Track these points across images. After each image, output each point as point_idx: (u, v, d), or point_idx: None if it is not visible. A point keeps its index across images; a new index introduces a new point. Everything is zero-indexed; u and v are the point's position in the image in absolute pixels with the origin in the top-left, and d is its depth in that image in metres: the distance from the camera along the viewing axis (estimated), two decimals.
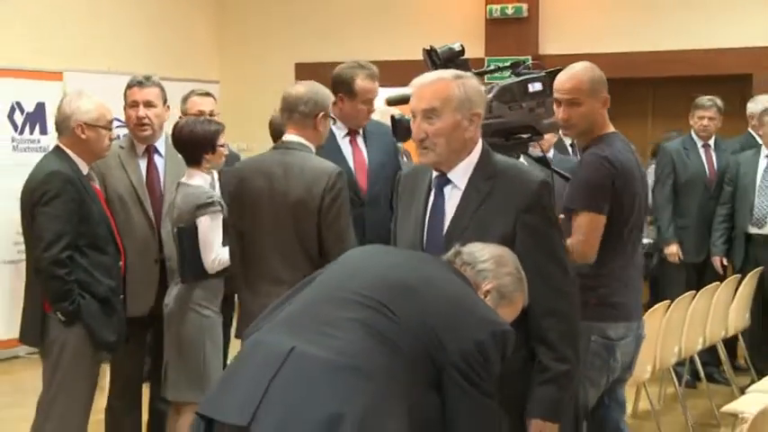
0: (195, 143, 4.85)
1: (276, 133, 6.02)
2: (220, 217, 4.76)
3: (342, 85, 5.21)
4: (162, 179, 5.14)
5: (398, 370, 2.76)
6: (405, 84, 4.74)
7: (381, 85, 5.45)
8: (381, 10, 10.12)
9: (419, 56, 4.33)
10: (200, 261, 4.77)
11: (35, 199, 4.36)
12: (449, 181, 3.40)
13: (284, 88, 11.18)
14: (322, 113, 4.45)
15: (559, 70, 4.23)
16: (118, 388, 5.10)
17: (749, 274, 7.17)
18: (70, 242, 4.33)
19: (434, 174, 3.42)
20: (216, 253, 4.76)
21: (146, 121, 4.96)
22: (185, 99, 5.71)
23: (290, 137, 4.47)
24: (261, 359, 2.78)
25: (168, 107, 5.21)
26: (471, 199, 3.34)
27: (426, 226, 3.40)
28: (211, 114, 5.44)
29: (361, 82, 5.20)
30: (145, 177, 5.08)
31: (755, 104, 7.55)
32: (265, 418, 2.64)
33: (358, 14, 10.24)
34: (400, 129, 4.31)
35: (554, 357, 3.36)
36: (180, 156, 5.10)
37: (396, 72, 5.48)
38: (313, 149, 4.47)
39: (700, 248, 7.50)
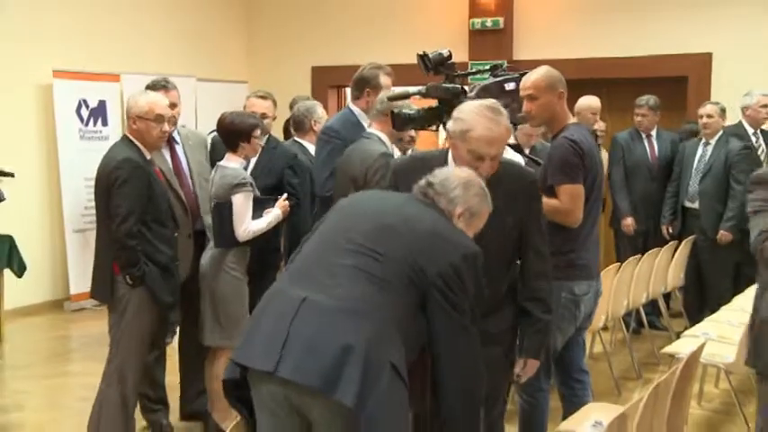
0: (234, 132, 4.88)
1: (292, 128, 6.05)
2: (251, 195, 4.79)
3: (368, 83, 5.31)
4: (185, 163, 5.16)
5: (391, 303, 2.80)
6: (403, 83, 4.79)
7: None
8: (383, 22, 10.09)
9: (414, 60, 4.36)
10: (233, 231, 4.81)
11: (111, 181, 4.37)
12: None
13: (302, 88, 11.23)
14: None
15: (523, 73, 4.28)
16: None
17: (684, 241, 7.22)
18: (139, 218, 4.35)
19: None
20: (246, 225, 4.80)
21: (172, 120, 4.96)
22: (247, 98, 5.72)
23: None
24: (279, 309, 2.82)
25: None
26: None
27: None
28: (264, 117, 5.37)
29: (383, 78, 5.31)
30: (171, 164, 5.09)
31: (750, 98, 7.37)
32: (287, 359, 2.69)
33: (362, 25, 10.21)
34: (398, 120, 4.35)
35: (544, 310, 3.53)
36: (192, 141, 5.20)
37: (395, 73, 5.47)
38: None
39: (643, 220, 7.54)
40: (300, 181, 5.38)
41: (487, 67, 4.63)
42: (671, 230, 7.42)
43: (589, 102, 6.93)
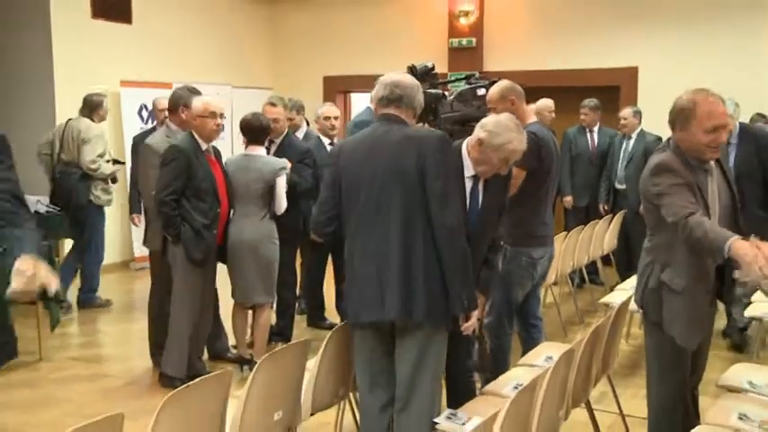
0: (260, 128, 4.88)
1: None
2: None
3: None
4: None
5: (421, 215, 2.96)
6: None
7: None
8: (379, 41, 10.01)
9: (405, 70, 4.32)
10: (273, 207, 4.83)
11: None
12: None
13: (316, 93, 11.14)
14: None
15: (496, 81, 4.24)
16: None
17: (617, 215, 7.25)
18: (176, 190, 4.42)
19: None
20: (283, 201, 4.83)
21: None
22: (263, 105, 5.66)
23: None
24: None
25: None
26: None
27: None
28: (275, 121, 5.33)
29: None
30: None
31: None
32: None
33: (363, 42, 10.13)
34: None
35: (495, 254, 3.59)
36: None
37: None
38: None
39: (583, 198, 7.58)
40: (312, 171, 5.36)
41: (463, 77, 4.62)
42: (605, 207, 7.43)
43: (546, 103, 6.90)
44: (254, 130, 4.87)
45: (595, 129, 7.68)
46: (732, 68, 8.04)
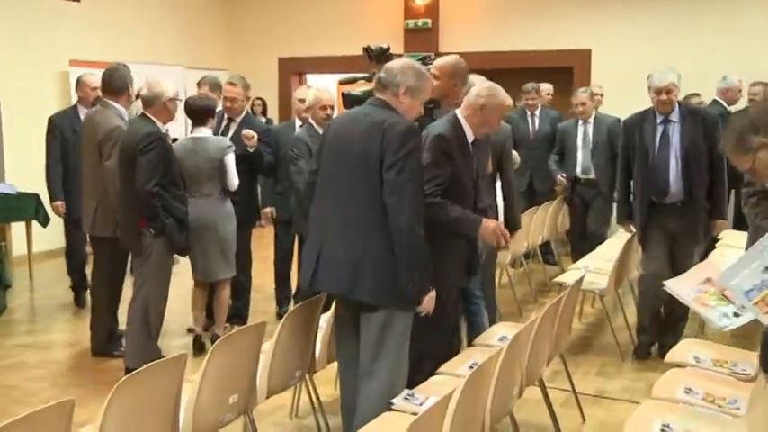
0: (204, 110, 4.88)
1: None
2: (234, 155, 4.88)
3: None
4: None
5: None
6: (352, 70, 4.71)
7: (335, 72, 5.40)
8: (335, 22, 9.95)
9: (360, 52, 4.30)
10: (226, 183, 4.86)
11: (138, 149, 4.26)
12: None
13: (271, 76, 11.04)
14: None
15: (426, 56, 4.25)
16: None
17: (557, 200, 7.16)
18: (158, 181, 4.26)
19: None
20: (234, 178, 4.84)
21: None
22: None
23: None
24: None
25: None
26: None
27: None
28: (234, 100, 5.32)
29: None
30: None
31: (725, 82, 7.15)
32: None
33: (319, 24, 10.05)
34: (347, 101, 4.30)
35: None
36: None
37: (344, 62, 5.41)
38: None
39: (526, 181, 7.38)
40: (272, 149, 5.34)
41: (419, 58, 4.58)
42: (561, 177, 6.94)
43: (545, 86, 7.02)
44: (197, 112, 4.84)
45: (536, 112, 7.59)
46: (685, 49, 8.17)
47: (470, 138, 3.61)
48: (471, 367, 3.04)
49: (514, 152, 6.10)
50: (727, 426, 2.76)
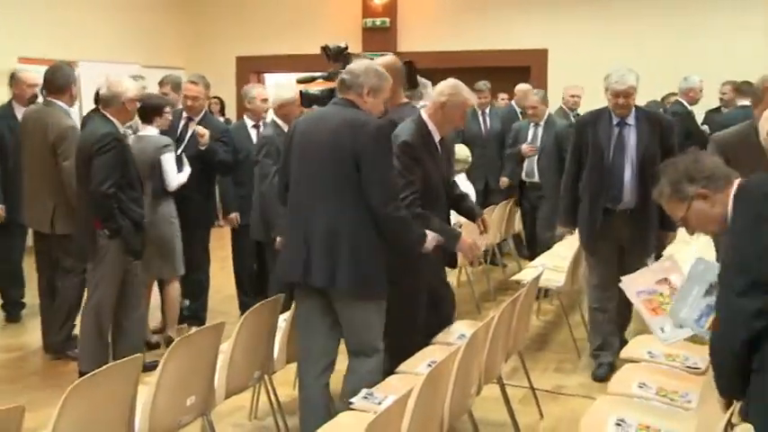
0: (148, 109, 4.80)
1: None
2: (174, 154, 4.83)
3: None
4: None
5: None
6: (311, 69, 4.69)
7: (293, 71, 5.36)
8: (293, 21, 9.94)
9: (319, 51, 4.29)
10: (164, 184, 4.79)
11: (94, 149, 4.16)
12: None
13: (229, 75, 10.92)
14: None
15: (410, 61, 4.21)
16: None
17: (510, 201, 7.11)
18: (115, 182, 4.16)
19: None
20: (174, 178, 4.81)
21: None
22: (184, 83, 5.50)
23: None
24: None
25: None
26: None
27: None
28: (195, 99, 5.23)
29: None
30: None
31: (686, 83, 7.11)
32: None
33: (276, 23, 10.04)
34: (305, 99, 4.29)
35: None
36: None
37: (303, 61, 5.38)
38: None
39: (479, 181, 7.11)
40: (230, 149, 5.28)
41: (378, 57, 4.58)
42: (506, 180, 7.05)
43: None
44: (144, 110, 4.79)
45: (487, 111, 7.60)
46: (641, 48, 8.32)
47: (437, 137, 3.70)
48: (430, 365, 3.05)
49: (467, 150, 6.15)
50: (679, 419, 2.83)
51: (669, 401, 3.00)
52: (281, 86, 5.23)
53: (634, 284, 3.09)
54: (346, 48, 4.30)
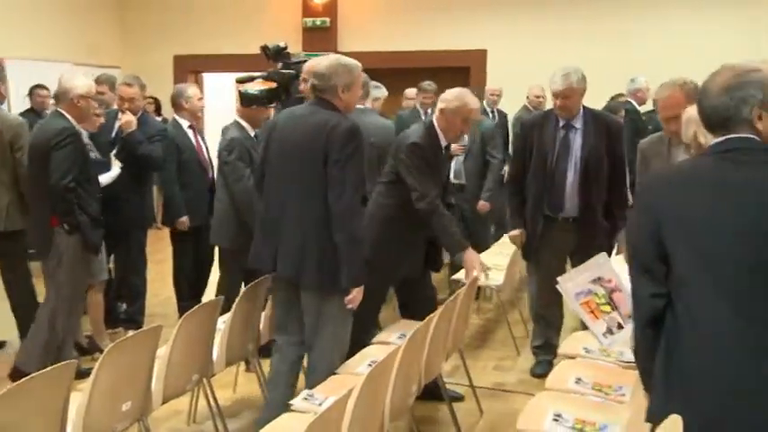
0: None
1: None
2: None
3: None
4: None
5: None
6: (251, 69, 4.64)
7: (232, 71, 5.29)
8: (233, 19, 9.81)
9: (257, 50, 4.26)
10: None
11: (52, 144, 4.12)
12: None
13: (166, 73, 10.73)
14: None
15: None
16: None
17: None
18: (74, 177, 4.14)
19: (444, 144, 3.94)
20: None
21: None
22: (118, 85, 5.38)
23: None
24: None
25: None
26: None
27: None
28: (132, 101, 5.10)
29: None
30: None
31: (634, 84, 7.30)
32: None
33: (216, 21, 9.89)
34: (244, 99, 4.25)
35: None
36: None
37: (242, 61, 5.32)
38: None
39: None
40: (165, 152, 5.17)
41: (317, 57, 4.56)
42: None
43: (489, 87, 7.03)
44: None
45: (429, 111, 7.64)
46: (580, 49, 8.46)
47: (443, 143, 3.90)
48: (370, 365, 3.05)
49: None
50: (614, 412, 2.90)
51: (604, 395, 3.07)
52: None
53: (571, 286, 3.17)
54: (286, 47, 4.27)
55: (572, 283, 3.38)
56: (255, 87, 4.26)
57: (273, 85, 4.17)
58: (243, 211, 4.44)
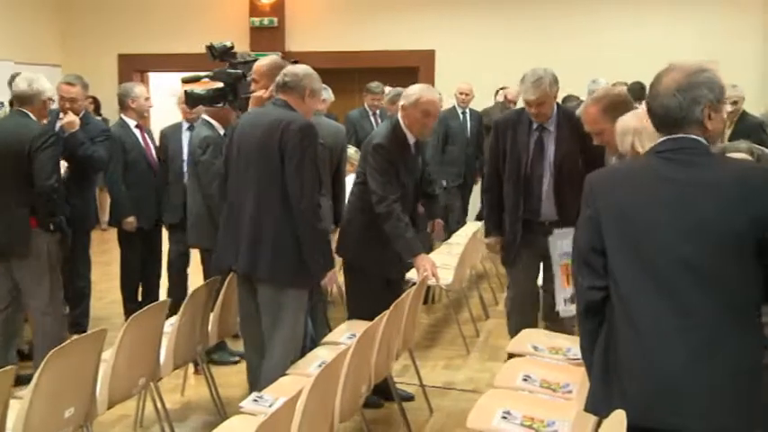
0: None
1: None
2: None
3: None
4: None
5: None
6: (197, 68, 4.58)
7: (179, 70, 5.20)
8: (179, 18, 9.69)
9: (203, 50, 4.20)
10: None
11: (37, 145, 4.09)
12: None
13: (110, 74, 10.51)
14: None
15: (296, 61, 4.16)
16: None
17: None
18: (57, 177, 4.21)
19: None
20: None
21: None
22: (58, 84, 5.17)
23: None
24: None
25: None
26: None
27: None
28: (73, 101, 4.98)
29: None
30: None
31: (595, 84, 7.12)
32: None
33: (162, 19, 9.76)
34: (190, 99, 4.20)
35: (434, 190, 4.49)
36: None
37: (189, 60, 5.25)
38: None
39: None
40: (110, 152, 5.07)
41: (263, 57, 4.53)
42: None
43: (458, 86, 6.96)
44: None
45: (378, 112, 7.53)
46: (527, 50, 8.57)
47: (411, 140, 3.93)
48: (320, 366, 3.04)
49: (359, 152, 6.14)
50: (561, 408, 2.94)
51: (551, 392, 3.11)
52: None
53: (560, 244, 3.20)
54: (232, 47, 4.23)
55: (564, 241, 3.45)
56: (202, 87, 4.21)
57: (220, 84, 4.13)
58: (216, 211, 4.36)
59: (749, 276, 1.98)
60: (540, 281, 4.20)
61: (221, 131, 4.46)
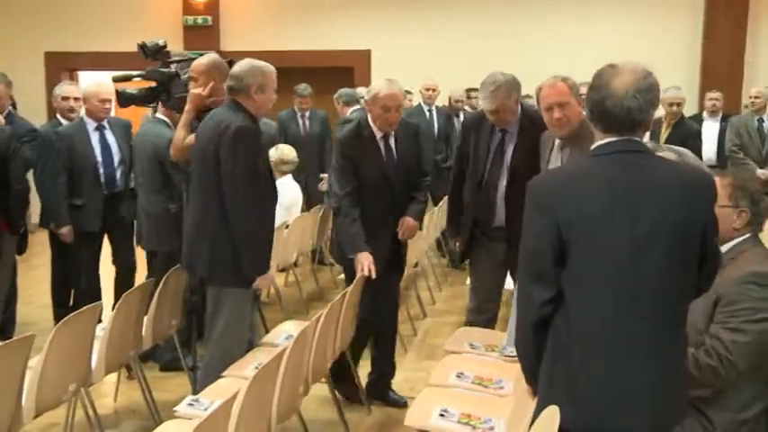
0: None
1: None
2: None
3: None
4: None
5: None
6: (130, 67, 4.47)
7: (110, 69, 5.09)
8: (110, 16, 9.47)
9: (135, 48, 4.12)
10: None
11: (11, 150, 4.22)
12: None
13: (36, 72, 10.21)
14: None
15: (231, 61, 4.11)
16: None
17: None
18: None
19: None
20: None
21: None
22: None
23: None
24: None
25: None
26: None
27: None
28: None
29: None
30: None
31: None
32: None
33: (93, 16, 9.53)
34: (122, 98, 4.12)
35: (420, 191, 4.17)
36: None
37: (121, 59, 5.15)
38: None
39: (301, 181, 6.67)
40: (39, 152, 4.92)
41: (200, 55, 4.47)
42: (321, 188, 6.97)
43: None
44: None
45: (307, 113, 7.58)
46: (465, 49, 8.68)
47: (378, 134, 3.94)
48: (257, 368, 3.02)
49: (294, 152, 6.13)
50: (497, 405, 2.99)
51: (483, 389, 3.15)
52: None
53: None
54: (165, 46, 4.16)
55: None
56: (134, 87, 4.13)
57: (153, 84, 4.06)
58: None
59: (689, 281, 2.04)
60: (509, 285, 4.10)
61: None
